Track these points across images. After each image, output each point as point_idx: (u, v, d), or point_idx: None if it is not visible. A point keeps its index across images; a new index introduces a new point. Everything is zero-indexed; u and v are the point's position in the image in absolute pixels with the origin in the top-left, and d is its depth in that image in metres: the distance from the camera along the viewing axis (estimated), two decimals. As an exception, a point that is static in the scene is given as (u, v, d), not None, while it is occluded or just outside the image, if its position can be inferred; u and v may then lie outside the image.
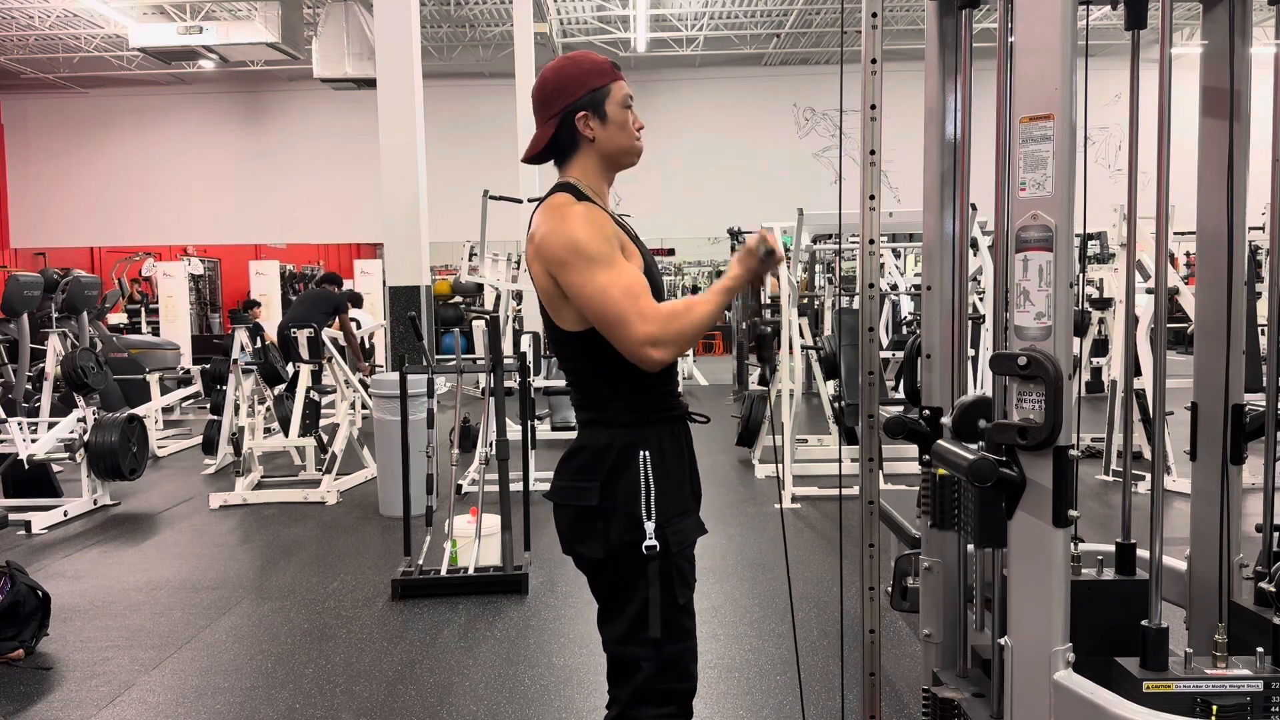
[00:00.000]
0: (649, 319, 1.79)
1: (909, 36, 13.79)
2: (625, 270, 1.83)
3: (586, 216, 1.84)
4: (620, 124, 1.94)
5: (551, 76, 1.95)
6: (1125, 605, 1.85)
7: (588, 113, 1.92)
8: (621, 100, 1.95)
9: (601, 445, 1.90)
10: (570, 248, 1.81)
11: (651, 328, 1.78)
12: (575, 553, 1.95)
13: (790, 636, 3.78)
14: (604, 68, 1.95)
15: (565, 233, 1.82)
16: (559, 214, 1.86)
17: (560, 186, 1.94)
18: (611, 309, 1.79)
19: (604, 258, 1.81)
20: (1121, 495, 2.20)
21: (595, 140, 1.93)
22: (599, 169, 1.96)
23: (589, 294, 1.80)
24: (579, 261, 1.80)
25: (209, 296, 17.17)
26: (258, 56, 13.84)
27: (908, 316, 9.44)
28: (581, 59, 1.96)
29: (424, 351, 5.64)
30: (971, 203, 2.22)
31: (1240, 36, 1.94)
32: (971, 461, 1.66)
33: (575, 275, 1.81)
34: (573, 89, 1.92)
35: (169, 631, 4.04)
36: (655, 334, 1.78)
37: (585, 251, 1.80)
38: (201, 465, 7.50)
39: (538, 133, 1.97)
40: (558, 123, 1.93)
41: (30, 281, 6.82)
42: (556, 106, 1.92)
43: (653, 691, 1.90)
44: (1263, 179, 1.99)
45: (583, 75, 1.93)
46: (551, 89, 1.93)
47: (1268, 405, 1.91)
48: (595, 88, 1.92)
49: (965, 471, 1.69)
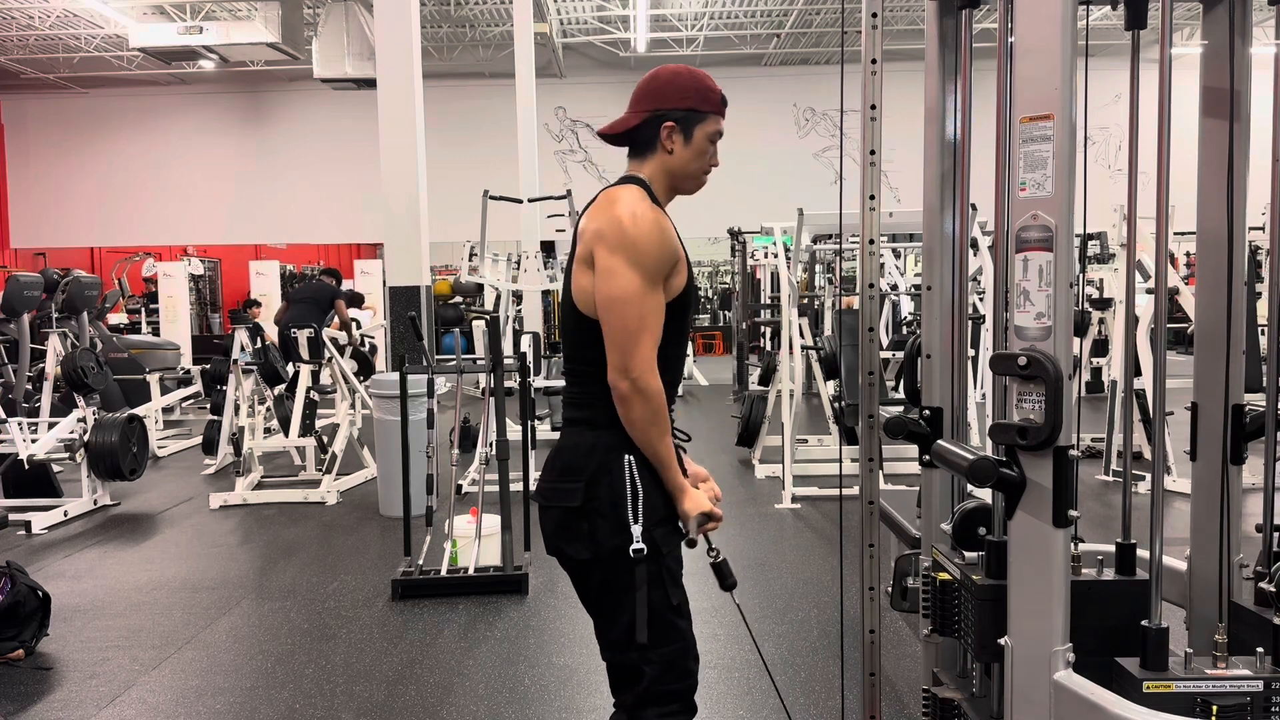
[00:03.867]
0: (641, 360, 1.83)
1: (909, 36, 13.79)
2: (656, 305, 1.86)
3: (660, 225, 1.88)
4: (699, 152, 1.98)
5: (664, 76, 1.98)
6: (1125, 605, 1.85)
7: (675, 126, 1.95)
8: (712, 133, 1.98)
9: (586, 446, 1.91)
10: (630, 244, 1.83)
11: (636, 370, 1.83)
12: (561, 553, 1.97)
13: (791, 636, 3.78)
14: (713, 97, 1.98)
15: (636, 230, 1.84)
16: (637, 209, 1.87)
17: (636, 180, 1.96)
18: (624, 321, 1.82)
19: (651, 274, 1.84)
20: (1121, 495, 2.20)
21: (672, 154, 1.96)
22: (664, 182, 1.99)
23: (617, 293, 1.83)
24: (630, 259, 1.83)
25: (209, 297, 17.17)
26: (258, 56, 13.84)
27: (908, 316, 9.43)
28: (703, 78, 1.99)
29: (424, 351, 5.64)
30: (971, 203, 2.22)
31: (1240, 36, 1.93)
32: (972, 461, 1.66)
33: (617, 265, 1.83)
34: (673, 98, 1.95)
35: (169, 631, 4.04)
36: (634, 376, 1.83)
37: (642, 257, 1.83)
38: (201, 465, 7.50)
39: (624, 116, 2.00)
40: (642, 119, 1.96)
41: (30, 281, 6.82)
42: (649, 104, 1.96)
43: (656, 693, 1.91)
44: (1263, 179, 1.98)
45: (690, 91, 1.96)
46: (655, 86, 1.97)
47: (1268, 405, 1.91)
48: (694, 108, 1.95)
49: (965, 472, 1.69)
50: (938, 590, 1.95)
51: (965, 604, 1.86)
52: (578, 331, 1.94)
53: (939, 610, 1.95)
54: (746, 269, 11.97)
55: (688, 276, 1.94)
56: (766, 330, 12.39)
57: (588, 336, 1.91)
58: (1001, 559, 1.74)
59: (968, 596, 1.84)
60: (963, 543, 1.94)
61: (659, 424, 1.87)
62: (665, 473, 1.90)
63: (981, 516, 1.92)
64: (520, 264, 10.34)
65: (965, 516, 1.95)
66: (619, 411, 1.86)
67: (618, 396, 1.85)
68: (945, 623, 1.94)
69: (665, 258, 1.87)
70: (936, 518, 2.15)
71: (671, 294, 1.90)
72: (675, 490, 1.91)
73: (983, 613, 1.76)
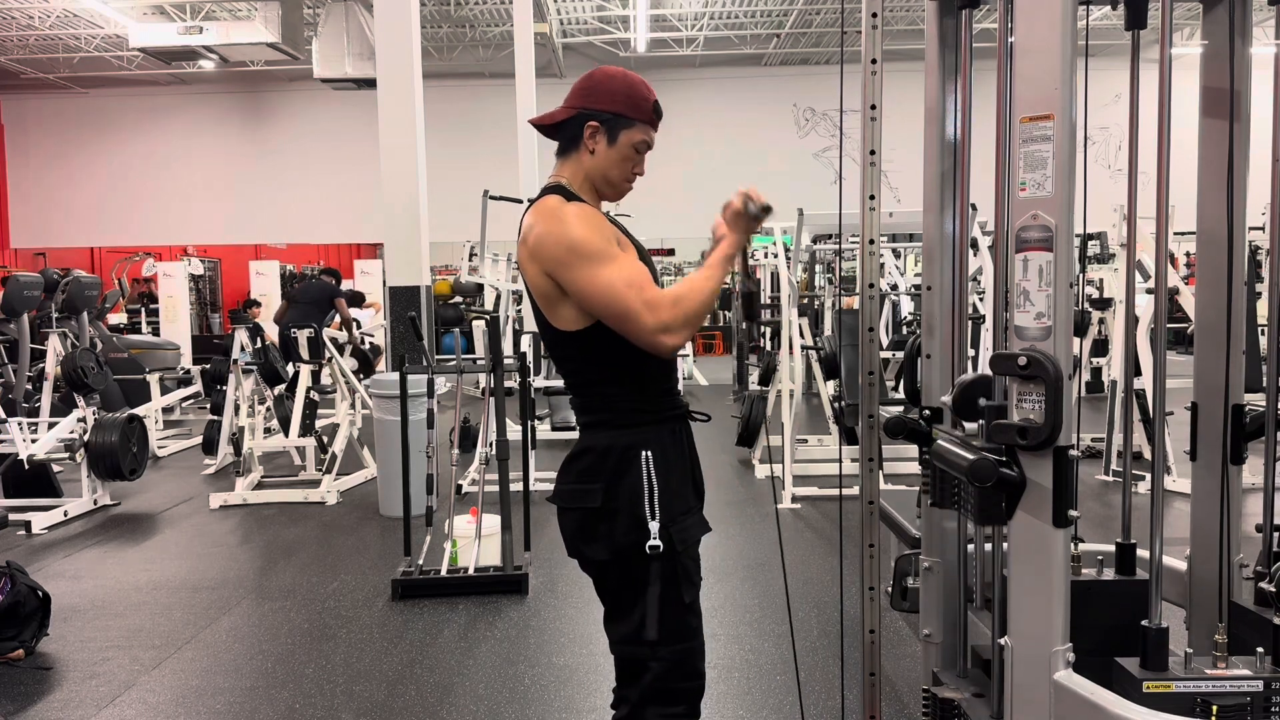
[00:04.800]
0: (656, 307, 1.80)
1: (909, 36, 13.78)
2: (626, 263, 1.84)
3: (581, 214, 1.85)
4: (621, 158, 1.95)
5: (598, 76, 1.96)
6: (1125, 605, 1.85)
7: (600, 127, 1.92)
8: (639, 142, 1.95)
9: (604, 447, 1.90)
10: (568, 247, 1.82)
11: (661, 315, 1.79)
12: (581, 555, 1.95)
13: (791, 637, 3.78)
14: (645, 106, 1.95)
15: (562, 233, 1.83)
16: (553, 215, 1.86)
17: (551, 189, 1.94)
18: (618, 303, 1.80)
19: (603, 254, 1.82)
20: (1121, 495, 2.20)
21: (594, 154, 1.94)
22: (585, 184, 1.96)
23: (594, 291, 1.81)
24: (579, 260, 1.81)
25: (209, 297, 17.17)
26: (258, 56, 13.83)
27: (908, 316, 9.43)
28: (638, 85, 1.95)
29: (424, 351, 5.64)
30: (971, 203, 2.21)
31: (1240, 36, 1.94)
32: (972, 461, 1.66)
33: (577, 274, 1.81)
34: (603, 100, 1.93)
35: (169, 631, 4.04)
36: (665, 321, 1.80)
37: (584, 249, 1.81)
38: (201, 465, 7.50)
39: (555, 110, 1.98)
40: (569, 116, 1.94)
41: (30, 281, 6.82)
42: (578, 102, 1.94)
43: (661, 690, 1.90)
44: (1263, 179, 1.98)
45: (621, 96, 1.93)
46: (588, 85, 1.95)
47: (1268, 405, 1.91)
48: (622, 114, 1.93)
49: (965, 471, 1.69)
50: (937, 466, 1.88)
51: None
52: (564, 348, 1.94)
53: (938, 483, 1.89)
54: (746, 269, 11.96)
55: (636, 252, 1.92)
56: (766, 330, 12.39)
57: (575, 350, 1.91)
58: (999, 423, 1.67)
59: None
60: (963, 413, 1.88)
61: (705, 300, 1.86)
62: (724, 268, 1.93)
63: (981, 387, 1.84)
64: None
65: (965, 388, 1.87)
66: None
67: (678, 345, 1.84)
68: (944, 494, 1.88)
69: (603, 234, 1.85)
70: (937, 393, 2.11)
71: None
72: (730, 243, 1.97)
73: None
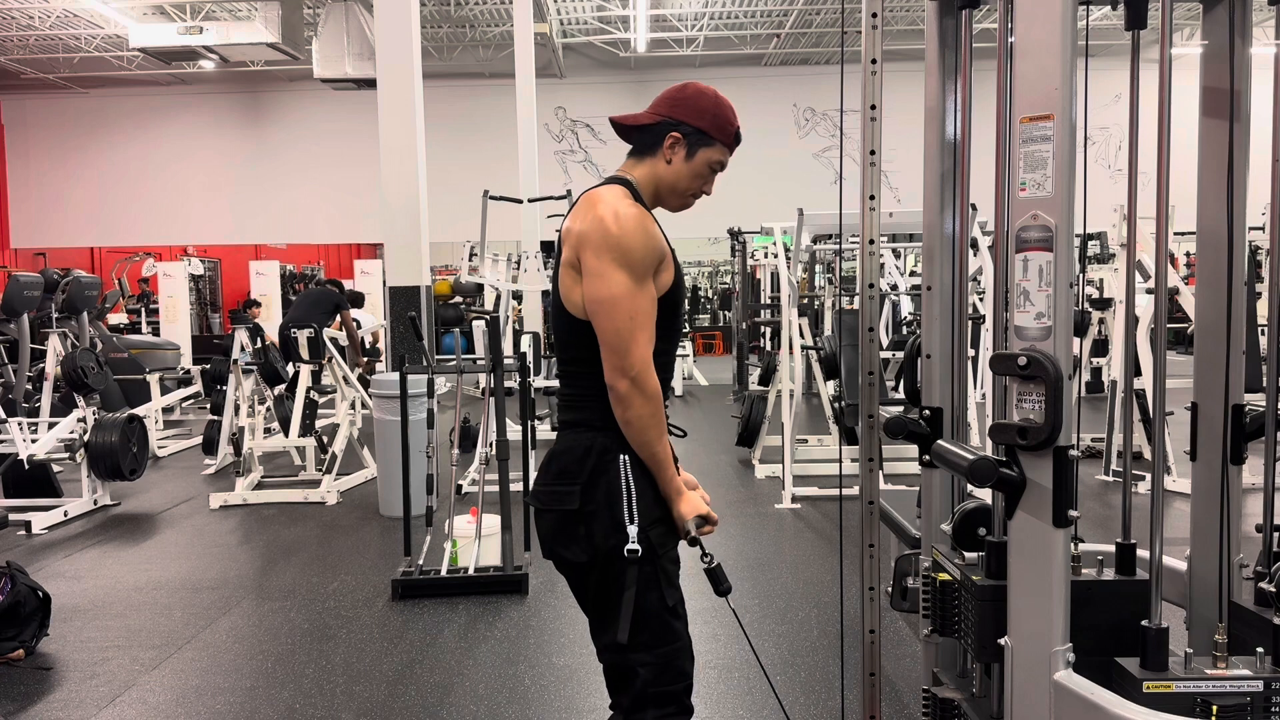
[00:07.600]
0: (636, 352, 1.82)
1: (909, 36, 13.79)
2: (645, 296, 1.86)
3: (643, 223, 1.87)
4: (695, 174, 1.99)
5: (690, 90, 1.99)
6: (1125, 605, 1.85)
7: (681, 138, 1.96)
8: (714, 161, 1.99)
9: (582, 448, 1.90)
10: (615, 244, 1.83)
11: (633, 361, 1.82)
12: (557, 556, 1.96)
13: (791, 636, 3.78)
14: (729, 129, 1.99)
15: (620, 229, 1.84)
16: (619, 208, 1.87)
17: (621, 180, 1.97)
18: (614, 318, 1.82)
19: (637, 268, 1.84)
20: (1121, 495, 2.20)
21: (670, 164, 1.97)
22: (652, 189, 2.00)
23: (604, 289, 1.82)
24: (614, 257, 1.82)
25: (209, 297, 17.16)
26: (258, 56, 13.83)
27: (908, 316, 9.43)
28: (726, 107, 1.99)
29: (424, 351, 5.64)
30: (971, 203, 2.22)
31: (1240, 36, 1.93)
32: (971, 461, 1.66)
33: (603, 265, 1.83)
34: (690, 113, 1.96)
35: (169, 631, 4.04)
36: (634, 370, 1.82)
37: (628, 255, 1.83)
38: (201, 465, 7.50)
39: (640, 113, 2.01)
40: (654, 121, 1.97)
41: (30, 281, 6.82)
42: (665, 110, 1.97)
43: (653, 695, 1.90)
44: (1263, 179, 1.98)
45: (710, 114, 1.97)
46: (679, 97, 1.98)
47: (1268, 405, 1.91)
48: (706, 131, 1.96)
49: (965, 472, 1.69)
50: (938, 591, 1.95)
51: (965, 604, 1.86)
52: (569, 334, 1.94)
53: (939, 611, 1.95)
54: (746, 269, 11.98)
55: (675, 273, 1.94)
56: (766, 330, 12.39)
57: (579, 338, 1.91)
58: (1001, 559, 1.74)
59: (968, 597, 1.84)
60: (963, 543, 1.94)
61: (657, 424, 1.86)
62: (662, 474, 1.89)
63: (981, 517, 1.92)
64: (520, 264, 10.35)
65: (965, 517, 1.95)
66: (616, 412, 1.86)
67: (616, 397, 1.84)
68: (945, 623, 1.94)
69: (651, 254, 1.86)
70: (937, 518, 2.15)
71: (660, 290, 1.90)
72: (672, 493, 1.91)
73: (983, 613, 1.76)
